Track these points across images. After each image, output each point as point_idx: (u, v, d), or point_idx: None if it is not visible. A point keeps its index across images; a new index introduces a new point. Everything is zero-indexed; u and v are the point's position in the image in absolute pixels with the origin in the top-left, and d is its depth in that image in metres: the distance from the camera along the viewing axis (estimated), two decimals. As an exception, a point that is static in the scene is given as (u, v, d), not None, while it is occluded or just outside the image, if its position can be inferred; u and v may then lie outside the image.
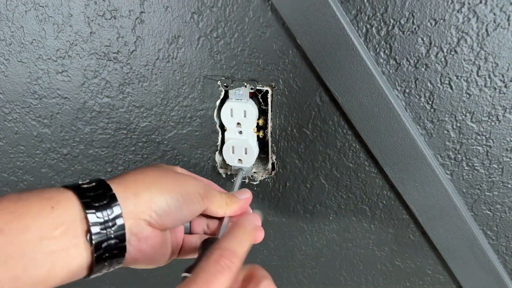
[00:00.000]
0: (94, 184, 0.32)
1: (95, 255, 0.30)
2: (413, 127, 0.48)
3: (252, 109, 0.50)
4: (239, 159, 0.54)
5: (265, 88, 0.50)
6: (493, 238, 0.54)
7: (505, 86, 0.44)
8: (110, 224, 0.30)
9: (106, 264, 0.31)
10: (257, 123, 0.52)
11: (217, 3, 0.46)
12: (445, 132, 0.48)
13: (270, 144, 0.54)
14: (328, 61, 0.45)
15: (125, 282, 0.75)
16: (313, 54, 0.45)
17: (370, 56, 0.45)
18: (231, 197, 0.41)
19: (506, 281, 0.56)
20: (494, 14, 0.40)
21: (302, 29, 0.44)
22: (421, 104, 0.47)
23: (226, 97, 0.52)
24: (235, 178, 0.50)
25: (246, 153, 0.53)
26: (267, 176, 0.57)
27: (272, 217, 0.61)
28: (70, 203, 0.30)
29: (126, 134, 0.58)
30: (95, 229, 0.30)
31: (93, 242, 0.30)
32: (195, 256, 0.39)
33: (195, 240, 0.40)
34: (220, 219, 0.42)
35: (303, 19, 0.43)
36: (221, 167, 0.57)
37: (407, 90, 0.46)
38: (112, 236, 0.30)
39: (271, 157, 0.55)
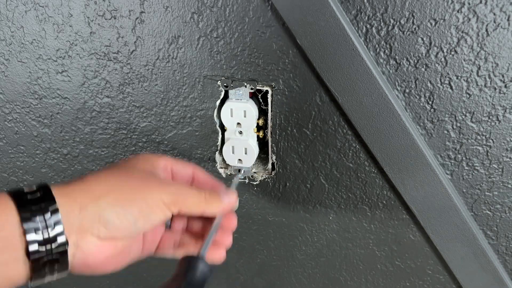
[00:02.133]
0: (38, 194, 0.29)
1: (34, 269, 0.29)
2: (413, 127, 0.48)
3: (252, 109, 0.50)
4: (239, 159, 0.54)
5: (265, 88, 0.50)
6: (493, 238, 0.54)
7: (505, 86, 0.44)
8: (51, 240, 0.29)
9: (47, 276, 0.30)
10: (257, 123, 0.52)
11: (217, 3, 0.46)
12: (445, 132, 0.48)
13: (270, 144, 0.54)
14: (328, 61, 0.45)
15: (125, 282, 0.76)
16: (313, 54, 0.45)
17: (370, 56, 0.45)
18: (212, 196, 0.37)
19: (506, 281, 0.56)
20: (494, 14, 0.40)
21: (302, 29, 0.44)
22: (421, 104, 0.47)
23: (226, 97, 0.52)
24: (232, 181, 0.48)
25: (246, 153, 0.53)
26: (267, 176, 0.57)
27: (272, 217, 0.61)
28: (10, 217, 0.28)
29: (126, 134, 0.58)
30: (33, 247, 0.28)
31: (31, 258, 0.28)
32: (171, 255, 0.38)
33: (174, 238, 0.38)
34: (204, 218, 0.39)
35: (303, 19, 0.43)
36: (221, 167, 0.57)
37: (407, 90, 0.46)
38: (53, 252, 0.29)
39: (271, 157, 0.55)
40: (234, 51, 0.48)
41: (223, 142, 0.55)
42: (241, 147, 0.53)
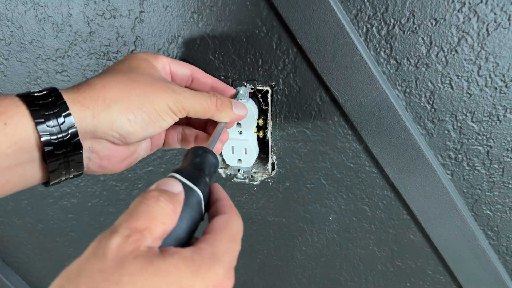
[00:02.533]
0: (50, 99, 0.29)
1: (50, 170, 0.30)
2: (414, 127, 0.48)
3: (252, 109, 0.50)
4: (239, 159, 0.54)
5: (265, 88, 0.50)
6: (494, 238, 0.54)
7: (506, 86, 0.44)
8: (65, 143, 0.29)
9: (63, 178, 0.31)
10: (257, 123, 0.52)
11: (217, 2, 0.46)
12: (446, 132, 0.48)
13: (270, 144, 0.54)
14: (328, 61, 0.45)
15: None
16: (313, 54, 0.45)
17: (371, 56, 0.45)
18: (224, 104, 0.38)
19: (507, 281, 0.56)
20: (495, 13, 0.40)
21: (302, 28, 0.44)
22: (422, 104, 0.47)
23: (226, 97, 0.52)
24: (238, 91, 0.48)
25: (246, 153, 0.53)
26: (267, 176, 0.57)
27: (272, 217, 0.61)
28: (24, 120, 0.28)
29: (126, 134, 0.58)
30: (48, 148, 0.29)
31: (47, 161, 0.29)
32: (177, 146, 0.41)
33: (177, 131, 0.40)
34: (202, 126, 0.42)
35: (303, 19, 0.43)
36: (221, 167, 0.57)
37: (407, 90, 0.46)
38: (68, 154, 0.30)
39: (271, 157, 0.55)
40: (234, 50, 0.48)
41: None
42: (241, 147, 0.53)
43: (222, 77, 0.50)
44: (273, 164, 0.55)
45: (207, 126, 0.43)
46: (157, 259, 0.22)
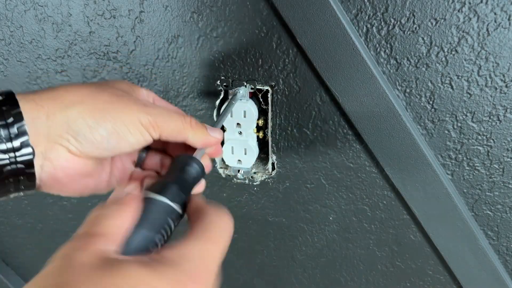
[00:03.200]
0: (0, 98, 0.27)
1: None
2: (414, 127, 0.48)
3: (251, 109, 0.50)
4: (239, 160, 0.54)
5: (265, 88, 0.50)
6: (494, 238, 0.54)
7: (506, 86, 0.44)
8: (14, 145, 0.26)
9: (11, 189, 0.28)
10: (257, 124, 0.52)
11: (217, 2, 0.46)
12: (446, 132, 0.48)
13: (270, 144, 0.54)
14: (328, 60, 0.45)
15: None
16: (313, 54, 0.45)
17: (371, 56, 0.45)
18: (198, 124, 0.34)
19: (507, 281, 0.56)
20: (495, 13, 0.40)
21: (302, 28, 0.44)
22: (422, 104, 0.47)
23: (225, 97, 0.52)
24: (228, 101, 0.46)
25: (245, 153, 0.53)
26: (267, 176, 0.57)
27: (272, 217, 0.61)
28: None
29: (126, 134, 0.58)
30: None
31: None
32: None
33: (142, 177, 0.34)
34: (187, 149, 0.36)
35: (303, 19, 0.43)
36: (220, 167, 0.57)
37: (407, 90, 0.46)
38: (17, 160, 0.26)
39: (271, 157, 0.55)
40: (234, 50, 0.48)
41: (222, 142, 0.55)
42: (240, 147, 0.53)
43: (222, 77, 0.50)
44: (273, 164, 0.55)
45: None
46: (115, 263, 0.22)
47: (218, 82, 0.51)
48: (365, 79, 0.45)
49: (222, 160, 0.56)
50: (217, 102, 0.52)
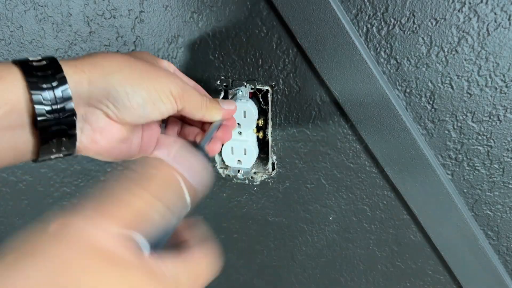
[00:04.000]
0: (44, 62, 0.28)
1: (40, 138, 0.28)
2: (414, 127, 0.48)
3: (251, 109, 0.50)
4: (239, 160, 0.54)
5: (265, 88, 0.50)
6: (494, 238, 0.54)
7: (506, 86, 0.44)
8: (58, 107, 0.28)
9: (54, 150, 0.29)
10: (257, 124, 0.52)
11: (217, 2, 0.46)
12: (446, 132, 0.48)
13: (270, 144, 0.54)
14: (328, 60, 0.45)
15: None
16: (313, 54, 0.45)
17: (371, 56, 0.45)
18: (213, 103, 0.37)
19: (507, 281, 0.56)
20: (495, 13, 0.40)
21: (302, 28, 0.44)
22: (422, 104, 0.47)
23: (226, 97, 0.52)
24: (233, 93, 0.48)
25: (245, 153, 0.53)
26: (267, 176, 0.57)
27: (272, 217, 0.61)
28: (16, 81, 0.27)
29: (126, 134, 0.58)
30: (40, 111, 0.27)
31: (38, 125, 0.27)
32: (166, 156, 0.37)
33: (170, 142, 0.37)
34: (200, 124, 0.40)
35: (303, 19, 0.43)
36: (220, 167, 0.57)
37: (407, 90, 0.46)
38: (61, 121, 0.28)
39: (271, 157, 0.55)
40: (234, 50, 0.48)
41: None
42: (240, 147, 0.53)
43: (222, 77, 0.50)
44: (273, 164, 0.55)
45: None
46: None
47: (218, 82, 0.50)
48: (365, 79, 0.45)
49: (222, 160, 0.56)
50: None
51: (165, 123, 0.39)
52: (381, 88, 0.45)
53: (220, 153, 0.56)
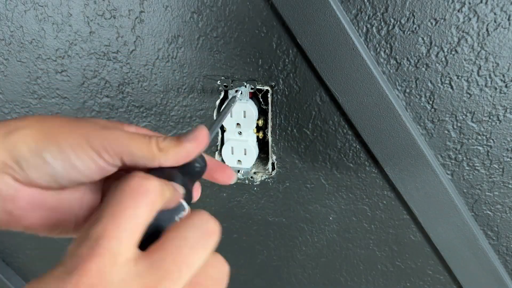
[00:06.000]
0: None
1: None
2: (414, 127, 0.48)
3: (251, 109, 0.50)
4: (239, 160, 0.54)
5: (265, 88, 0.50)
6: (494, 238, 0.54)
7: (506, 86, 0.44)
8: None
9: None
10: (257, 124, 0.52)
11: (217, 2, 0.46)
12: (446, 132, 0.48)
13: (270, 144, 0.54)
14: (328, 61, 0.45)
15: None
16: (313, 54, 0.45)
17: (371, 56, 0.45)
18: (169, 141, 0.28)
19: (507, 281, 0.56)
20: (495, 13, 0.40)
21: (302, 29, 0.44)
22: (422, 104, 0.47)
23: (226, 97, 0.52)
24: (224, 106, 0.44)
25: (245, 154, 0.53)
26: (267, 176, 0.57)
27: (272, 217, 0.61)
28: None
29: (126, 134, 0.58)
30: None
31: None
32: None
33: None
34: None
35: (303, 19, 0.43)
36: (221, 167, 0.57)
37: (407, 90, 0.46)
38: None
39: (271, 157, 0.55)
40: (234, 50, 0.48)
41: (222, 143, 0.55)
42: (240, 148, 0.53)
43: (222, 77, 0.50)
44: (273, 164, 0.55)
45: None
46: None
47: (218, 82, 0.51)
48: (365, 79, 0.45)
49: (222, 160, 0.56)
50: (217, 102, 0.52)
51: None
52: (381, 88, 0.45)
53: (220, 153, 0.56)
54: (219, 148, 0.55)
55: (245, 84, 0.50)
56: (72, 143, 0.26)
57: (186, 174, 0.28)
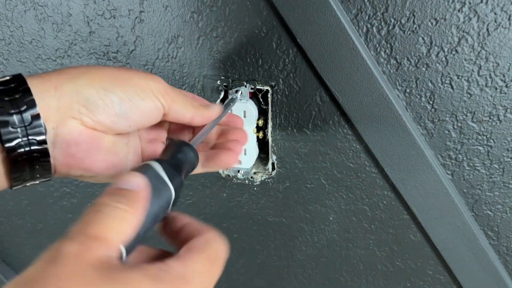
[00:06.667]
0: (7, 78, 0.26)
1: (9, 159, 0.25)
2: (414, 127, 0.48)
3: (251, 109, 0.50)
4: (238, 160, 0.54)
5: (265, 88, 0.50)
6: (494, 238, 0.54)
7: (506, 86, 0.44)
8: (24, 121, 0.25)
9: (27, 171, 0.26)
10: (257, 124, 0.52)
11: (217, 2, 0.46)
12: (446, 132, 0.48)
13: (270, 144, 0.54)
14: (328, 60, 0.45)
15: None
16: (313, 54, 0.45)
17: (371, 56, 0.45)
18: (201, 101, 0.35)
19: (507, 281, 0.56)
20: (495, 13, 0.40)
21: (302, 28, 0.44)
22: (422, 104, 0.47)
23: (226, 97, 0.52)
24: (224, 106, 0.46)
25: (245, 154, 0.53)
26: (267, 176, 0.57)
27: (272, 217, 0.61)
28: None
29: (126, 134, 0.58)
30: (4, 130, 0.24)
31: (3, 142, 0.25)
32: None
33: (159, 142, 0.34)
34: (192, 128, 0.36)
35: (303, 19, 0.43)
36: (221, 167, 0.57)
37: (407, 90, 0.46)
38: (29, 136, 0.25)
39: (271, 157, 0.55)
40: (234, 50, 0.48)
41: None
42: (241, 147, 0.53)
43: (222, 77, 0.50)
44: (273, 164, 0.55)
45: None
46: (118, 271, 0.20)
47: (218, 82, 0.50)
48: (365, 79, 0.45)
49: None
50: (217, 102, 0.52)
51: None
52: (381, 88, 0.45)
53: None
54: (219, 148, 0.55)
55: (245, 84, 0.50)
56: (135, 85, 0.28)
57: (183, 165, 0.29)
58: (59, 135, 0.27)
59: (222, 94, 0.51)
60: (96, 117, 0.27)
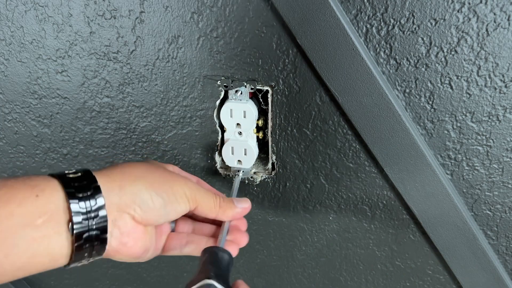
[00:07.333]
0: (79, 174, 0.31)
1: (75, 245, 0.30)
2: (413, 127, 0.48)
3: (251, 109, 0.50)
4: (239, 160, 0.54)
5: (265, 88, 0.50)
6: (493, 238, 0.54)
7: (506, 86, 0.44)
8: (93, 215, 0.30)
9: (86, 254, 0.31)
10: (257, 124, 0.52)
11: (217, 2, 0.46)
12: (445, 132, 0.48)
13: (270, 144, 0.54)
14: (328, 61, 0.45)
15: (125, 282, 0.75)
16: (313, 54, 0.45)
17: (370, 56, 0.45)
18: (227, 202, 0.40)
19: (507, 281, 0.56)
20: (495, 14, 0.40)
21: (302, 29, 0.44)
22: (421, 104, 0.47)
23: (226, 97, 0.52)
24: (233, 181, 0.50)
25: (245, 154, 0.53)
26: (267, 176, 0.57)
27: (272, 217, 0.61)
28: (55, 192, 0.30)
29: (126, 134, 0.58)
30: (77, 219, 0.30)
31: (74, 232, 0.30)
32: (178, 253, 0.40)
33: (180, 239, 0.40)
34: (214, 222, 0.42)
35: (303, 19, 0.43)
36: (220, 167, 0.57)
37: (407, 90, 0.46)
38: (94, 227, 0.31)
39: (271, 157, 0.55)
40: (234, 51, 0.48)
41: (222, 143, 0.55)
42: (240, 148, 0.53)
43: (222, 77, 0.50)
44: (273, 164, 0.56)
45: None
46: None
47: (218, 82, 0.51)
48: (365, 79, 0.45)
49: (222, 160, 0.56)
50: (217, 102, 0.52)
51: (174, 223, 0.42)
52: (381, 88, 0.45)
53: (220, 153, 0.56)
54: (219, 148, 0.56)
55: (245, 84, 0.50)
56: (175, 192, 0.36)
57: (223, 270, 0.37)
58: (116, 226, 0.32)
59: (222, 94, 0.51)
60: (146, 215, 0.34)
